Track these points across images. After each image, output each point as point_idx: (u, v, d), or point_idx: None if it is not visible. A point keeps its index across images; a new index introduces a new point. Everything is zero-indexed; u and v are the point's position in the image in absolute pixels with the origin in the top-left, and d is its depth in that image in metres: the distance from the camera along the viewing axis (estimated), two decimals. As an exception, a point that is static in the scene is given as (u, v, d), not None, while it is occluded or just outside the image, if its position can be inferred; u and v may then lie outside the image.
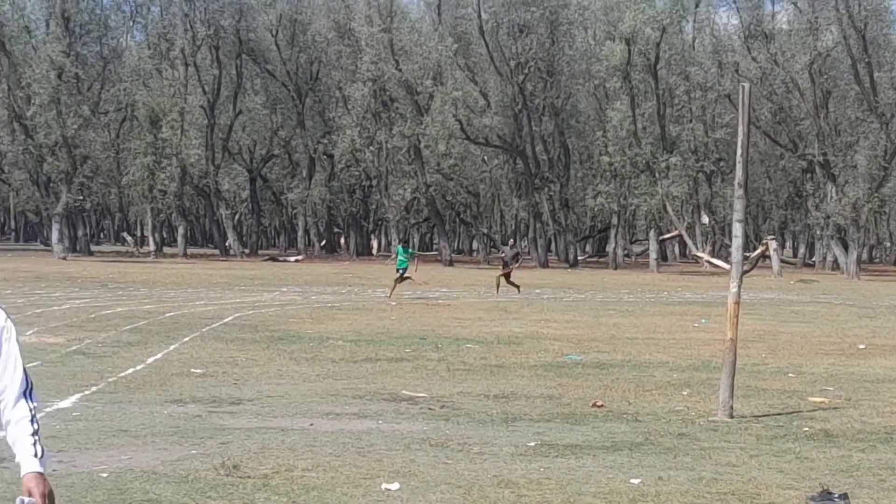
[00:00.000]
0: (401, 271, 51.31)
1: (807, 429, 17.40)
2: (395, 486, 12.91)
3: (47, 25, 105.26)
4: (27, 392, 5.19)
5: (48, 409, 17.82)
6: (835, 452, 15.47)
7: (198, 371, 23.20)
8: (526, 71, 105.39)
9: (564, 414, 18.51)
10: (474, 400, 19.82)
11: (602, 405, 19.41)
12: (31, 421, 5.14)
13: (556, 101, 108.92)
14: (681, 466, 14.39)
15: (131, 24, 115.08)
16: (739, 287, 19.36)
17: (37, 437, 5.12)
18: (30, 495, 4.97)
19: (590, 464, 14.41)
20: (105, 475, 13.28)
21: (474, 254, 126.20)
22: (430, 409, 18.78)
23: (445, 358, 26.54)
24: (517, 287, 50.95)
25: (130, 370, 23.06)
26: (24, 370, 5.23)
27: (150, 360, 25.00)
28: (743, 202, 19.51)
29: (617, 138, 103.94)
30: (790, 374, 24.14)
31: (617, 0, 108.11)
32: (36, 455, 5.05)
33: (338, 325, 35.04)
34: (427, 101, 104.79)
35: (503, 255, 60.22)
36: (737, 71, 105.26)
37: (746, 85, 20.82)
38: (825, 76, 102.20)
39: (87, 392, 19.86)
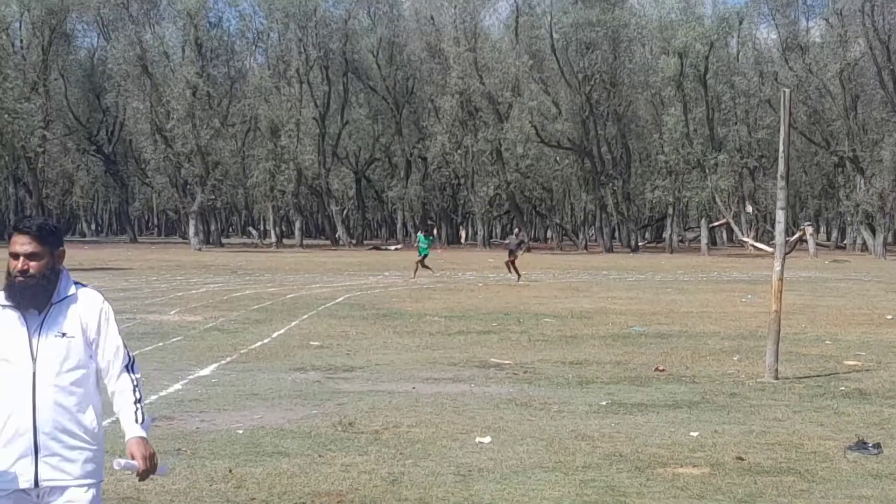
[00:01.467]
0: (422, 256, 49.92)
1: (843, 388, 17.32)
2: (487, 439, 12.94)
3: (183, 51, 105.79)
4: (129, 366, 5.23)
5: (190, 377, 18.04)
6: (868, 408, 15.40)
7: (315, 343, 23.30)
8: (592, 82, 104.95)
9: (631, 377, 18.49)
10: (552, 366, 19.82)
11: (663, 369, 19.37)
12: (134, 391, 5.18)
13: (619, 108, 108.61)
14: (733, 421, 14.35)
15: (254, 48, 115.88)
16: (783, 266, 19.27)
17: (139, 406, 5.18)
18: (132, 458, 5.05)
19: (654, 419, 14.41)
20: (241, 431, 13.41)
21: (548, 241, 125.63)
22: (514, 374, 18.82)
23: (526, 330, 26.49)
24: (518, 273, 48.64)
25: (258, 343, 23.20)
26: (125, 346, 5.27)
27: (275, 334, 25.14)
28: (785, 192, 19.43)
29: (671, 139, 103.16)
30: (827, 342, 23.93)
31: (670, 19, 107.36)
32: (138, 421, 5.11)
33: (433, 303, 35.03)
34: (507, 109, 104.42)
35: (507, 242, 58.37)
36: (776, 79, 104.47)
37: (787, 91, 20.72)
38: (854, 82, 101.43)
39: (222, 362, 20.02)
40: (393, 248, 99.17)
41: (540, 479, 11.06)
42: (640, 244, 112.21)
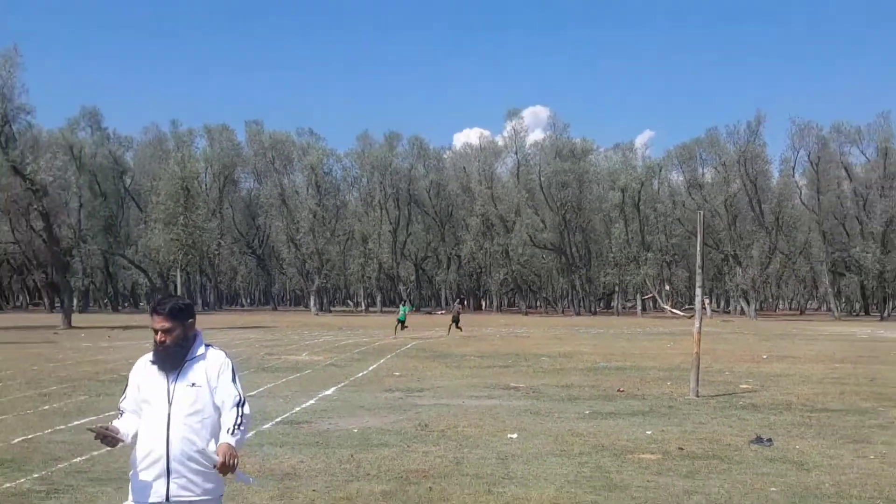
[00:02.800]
0: (400, 322, 46.21)
1: (741, 403, 17.13)
2: (514, 435, 12.85)
3: (307, 189, 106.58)
4: (239, 403, 4.92)
5: (319, 396, 17.93)
6: (759, 416, 15.29)
7: (397, 374, 23.14)
8: (565, 208, 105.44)
9: (602, 395, 18.32)
10: (551, 388, 19.67)
11: (623, 390, 19.18)
12: (237, 418, 4.87)
13: (583, 224, 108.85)
14: (673, 424, 14.22)
15: (351, 187, 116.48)
16: (700, 324, 19.14)
17: (237, 426, 4.84)
18: (218, 455, 4.78)
19: (621, 423, 14.29)
20: (355, 430, 13.33)
21: (538, 308, 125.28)
22: (527, 393, 18.68)
23: (531, 365, 26.31)
24: (460, 329, 46.89)
25: (361, 374, 23.07)
26: (239, 391, 4.97)
27: (370, 368, 24.99)
28: (700, 277, 19.30)
29: (617, 244, 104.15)
30: (726, 373, 23.73)
31: (616, 167, 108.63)
32: (231, 433, 4.81)
33: (469, 348, 34.69)
34: (511, 225, 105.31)
35: (453, 308, 54.92)
36: (683, 205, 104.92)
37: (701, 212, 20.68)
38: (734, 207, 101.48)
39: (339, 386, 19.89)
40: (440, 313, 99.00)
41: (552, 461, 11.11)
42: (597, 310, 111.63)
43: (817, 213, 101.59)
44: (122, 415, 4.96)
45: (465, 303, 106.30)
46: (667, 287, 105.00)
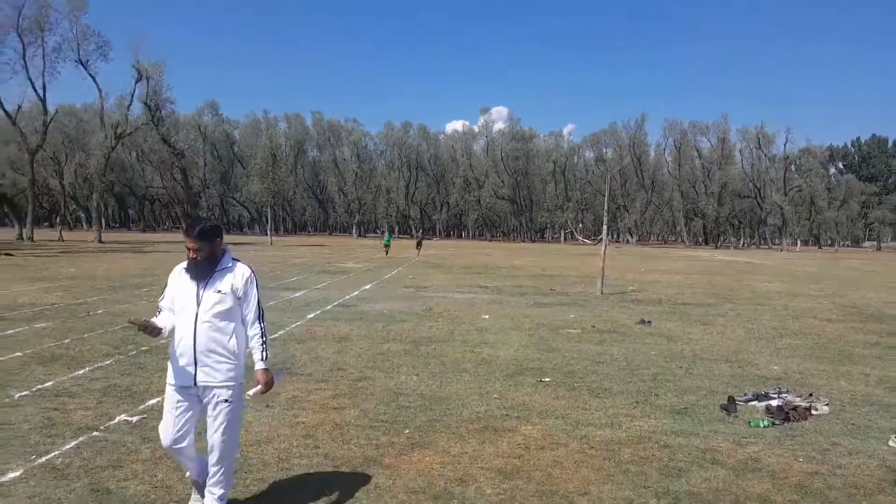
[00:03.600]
0: (386, 247, 40.96)
1: (630, 298, 17.21)
2: (486, 316, 12.93)
3: (351, 157, 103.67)
4: (259, 317, 4.19)
5: (361, 289, 17.81)
6: (642, 307, 15.44)
7: (410, 277, 22.96)
8: (518, 173, 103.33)
9: (541, 293, 18.32)
10: (508, 287, 19.60)
11: (554, 290, 19.18)
12: (261, 336, 4.16)
13: (528, 183, 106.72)
14: (587, 311, 14.32)
15: (379, 156, 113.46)
16: (605, 248, 19.01)
17: (264, 346, 4.18)
18: (258, 382, 4.19)
19: (554, 310, 14.35)
20: (385, 311, 13.36)
21: (508, 237, 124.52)
22: (493, 291, 18.62)
23: (494, 273, 26.04)
24: (418, 251, 42.01)
25: (387, 276, 22.86)
26: (258, 304, 4.23)
27: (393, 272, 24.75)
28: (606, 218, 19.11)
29: (550, 196, 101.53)
30: (619, 280, 23.65)
31: (550, 147, 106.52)
32: (262, 359, 4.16)
33: (456, 261, 34.40)
34: (482, 183, 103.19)
35: (418, 236, 52.08)
36: (592, 172, 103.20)
37: (608, 176, 20.44)
38: (624, 174, 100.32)
39: (374, 283, 19.80)
40: (435, 240, 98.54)
41: (511, 334, 11.15)
42: (535, 240, 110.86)
43: (677, 179, 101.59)
44: (160, 312, 4.21)
45: (431, 235, 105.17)
46: (580, 225, 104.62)
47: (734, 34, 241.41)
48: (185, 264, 4.19)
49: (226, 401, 4.14)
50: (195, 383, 4.11)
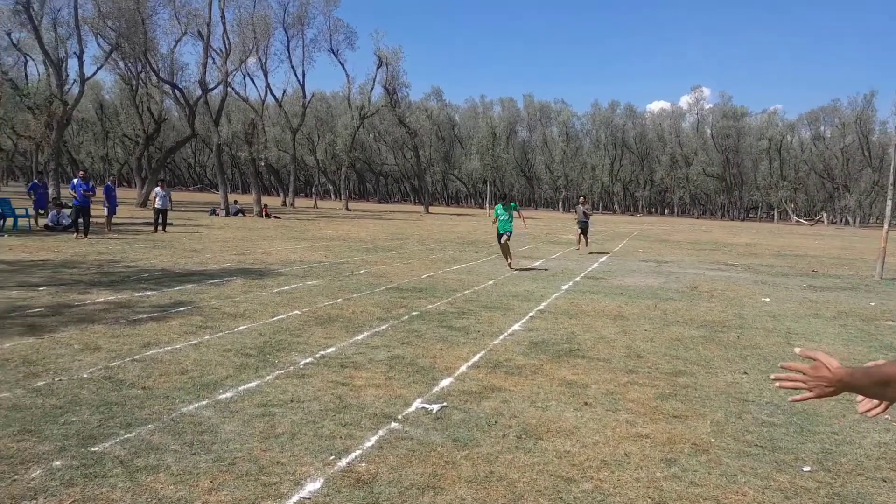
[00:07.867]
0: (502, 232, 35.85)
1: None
2: (767, 299, 10.37)
3: (559, 136, 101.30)
4: None
5: (599, 261, 15.79)
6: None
7: (640, 251, 20.37)
8: (727, 151, 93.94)
9: (802, 273, 14.99)
10: (759, 266, 16.46)
11: (816, 270, 15.63)
12: None
13: (738, 161, 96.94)
14: (885, 298, 10.98)
15: (585, 135, 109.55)
16: (887, 226, 15.02)
17: None
18: None
19: (840, 295, 11.35)
20: (643, 287, 11.16)
21: (704, 215, 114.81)
22: (743, 270, 15.62)
23: (731, 250, 22.56)
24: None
25: (616, 248, 20.56)
26: None
27: (619, 246, 22.27)
28: (892, 191, 15.06)
29: (762, 174, 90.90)
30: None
31: (763, 125, 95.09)
32: None
33: (678, 237, 31.08)
34: (691, 160, 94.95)
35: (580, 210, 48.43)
36: (809, 150, 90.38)
37: (893, 148, 16.10)
38: (847, 153, 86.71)
39: (608, 255, 17.63)
40: (636, 215, 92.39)
41: (815, 322, 8.68)
42: (744, 218, 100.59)
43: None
44: None
45: (595, 208, 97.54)
46: (793, 205, 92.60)
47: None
48: None
49: None
50: None
